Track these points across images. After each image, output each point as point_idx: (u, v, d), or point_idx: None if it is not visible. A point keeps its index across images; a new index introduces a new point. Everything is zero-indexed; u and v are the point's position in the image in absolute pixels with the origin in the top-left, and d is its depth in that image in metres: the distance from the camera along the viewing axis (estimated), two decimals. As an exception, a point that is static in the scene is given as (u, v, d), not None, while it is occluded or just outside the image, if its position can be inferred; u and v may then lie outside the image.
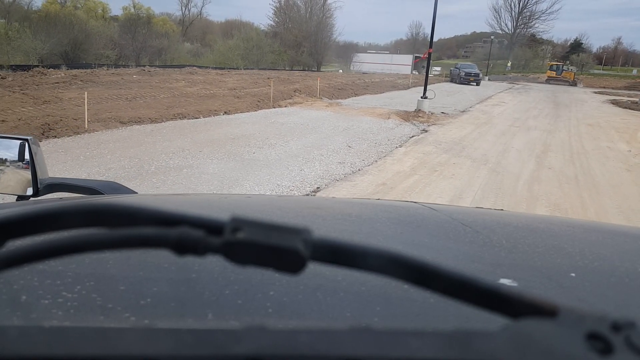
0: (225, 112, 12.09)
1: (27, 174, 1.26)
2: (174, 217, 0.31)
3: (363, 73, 37.10)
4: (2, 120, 8.46)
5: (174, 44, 37.70)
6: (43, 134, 7.98)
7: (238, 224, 0.30)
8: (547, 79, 46.36)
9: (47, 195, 1.27)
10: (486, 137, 11.04)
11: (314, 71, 36.15)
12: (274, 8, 51.20)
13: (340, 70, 39.12)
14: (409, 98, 18.30)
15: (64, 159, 6.75)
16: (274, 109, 13.79)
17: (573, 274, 0.71)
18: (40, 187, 1.26)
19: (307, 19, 50.17)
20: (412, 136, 10.46)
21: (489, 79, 44.06)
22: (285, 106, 14.46)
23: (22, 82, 12.22)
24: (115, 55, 28.71)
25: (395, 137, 10.12)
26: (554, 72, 46.28)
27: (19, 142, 1.26)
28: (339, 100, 17.31)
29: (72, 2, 46.04)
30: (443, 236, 0.87)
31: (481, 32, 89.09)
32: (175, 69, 22.29)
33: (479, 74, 34.81)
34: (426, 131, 11.30)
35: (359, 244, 0.32)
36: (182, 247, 0.30)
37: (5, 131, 7.79)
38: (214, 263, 0.59)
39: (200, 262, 0.59)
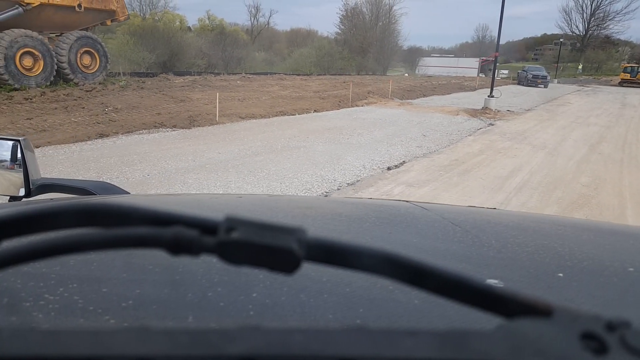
0: (314, 110, 14.31)
1: (19, 175, 1.25)
2: (168, 217, 0.31)
3: (429, 76, 38.45)
4: (158, 113, 11.09)
5: (250, 53, 40.87)
6: (190, 124, 10.48)
7: (232, 223, 0.30)
8: (620, 82, 45.26)
9: (39, 195, 1.27)
10: (547, 130, 12.46)
11: (381, 75, 37.95)
12: (340, 16, 53.60)
13: (406, 74, 40.65)
14: (476, 98, 19.75)
15: (216, 140, 9.14)
16: (353, 107, 15.84)
17: (561, 274, 0.70)
18: (32, 187, 1.25)
19: (372, 25, 52.03)
20: (480, 128, 12.13)
21: (557, 82, 43.82)
22: (362, 105, 16.49)
23: (157, 86, 15.06)
24: (204, 63, 32.04)
25: (464, 129, 11.84)
26: (628, 75, 45.10)
27: (11, 142, 1.25)
28: (409, 100, 19.12)
29: (151, 15, 50.67)
30: (432, 236, 0.87)
31: (552, 34, 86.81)
32: (267, 75, 25.00)
33: (546, 76, 35.16)
34: (492, 125, 12.91)
35: (354, 244, 0.32)
36: (177, 247, 0.30)
37: (164, 122, 10.40)
38: (199, 265, 0.59)
39: (185, 263, 0.59)
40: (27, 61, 12.00)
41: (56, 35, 13.04)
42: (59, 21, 12.94)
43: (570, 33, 71.53)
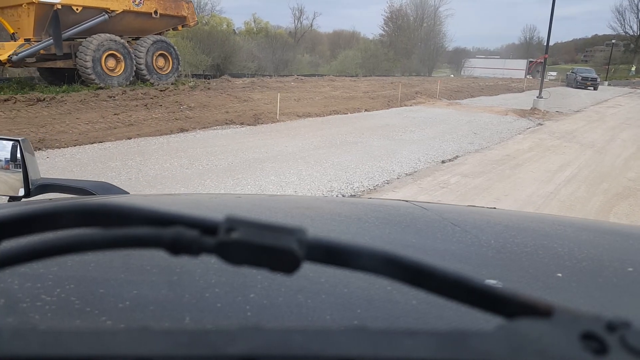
0: (365, 110, 15.05)
1: (19, 175, 1.25)
2: (168, 217, 0.32)
3: (475, 77, 38.42)
4: (226, 112, 12.14)
5: (297, 56, 42.00)
6: (255, 121, 11.46)
7: (232, 224, 0.30)
8: (677, 83, 43.59)
9: (38, 196, 1.27)
10: (596, 131, 12.73)
11: (426, 76, 38.24)
12: (384, 18, 54.04)
13: (452, 75, 40.76)
14: (524, 99, 19.97)
15: (280, 135, 10.04)
16: (402, 107, 16.48)
17: (560, 274, 0.70)
18: (31, 187, 1.26)
19: (416, 27, 52.21)
20: (529, 128, 12.55)
21: (608, 84, 42.71)
22: (411, 105, 17.10)
23: (221, 86, 16.21)
24: (254, 66, 33.36)
25: (513, 128, 12.30)
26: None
27: (10, 143, 1.26)
28: (457, 101, 19.55)
29: (199, 18, 52.62)
30: (431, 236, 0.87)
31: (603, 35, 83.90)
32: (318, 77, 25.96)
33: (596, 78, 34.51)
34: (541, 125, 13.28)
35: (354, 244, 0.32)
36: (177, 247, 0.30)
37: (233, 119, 11.42)
38: (197, 265, 0.59)
39: (182, 264, 0.59)
40: (111, 63, 13.33)
41: (133, 39, 14.34)
42: (137, 26, 14.27)
43: (624, 34, 69.09)
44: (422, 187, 6.59)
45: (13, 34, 12.32)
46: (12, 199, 1.27)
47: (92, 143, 8.58)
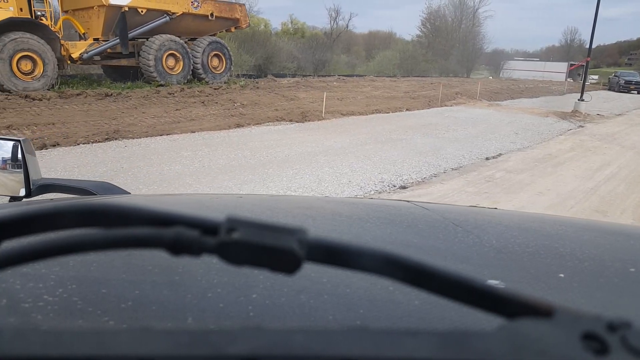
0: (407, 109, 15.52)
1: (20, 175, 1.26)
2: (169, 217, 0.32)
3: (514, 79, 38.15)
4: (276, 109, 12.86)
5: (335, 57, 42.59)
6: (303, 119, 12.12)
7: (233, 224, 0.30)
8: None
9: (39, 196, 1.28)
10: (638, 134, 12.83)
11: (464, 78, 38.24)
12: (422, 18, 54.01)
13: (490, 77, 40.55)
14: (565, 102, 19.97)
15: (328, 132, 10.66)
16: (442, 107, 16.84)
17: (562, 275, 0.70)
18: (32, 188, 1.26)
19: (454, 28, 51.97)
20: (569, 129, 12.78)
21: (654, 87, 41.54)
22: (451, 105, 17.44)
23: (268, 86, 17.00)
24: (294, 66, 34.17)
25: (554, 129, 12.55)
26: None
27: (11, 143, 1.26)
28: (497, 102, 19.75)
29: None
30: (432, 236, 0.87)
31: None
32: (358, 77, 26.56)
33: (640, 81, 33.78)
34: (582, 127, 13.46)
35: (355, 244, 0.32)
36: (178, 247, 0.30)
37: (283, 117, 12.12)
38: (198, 266, 0.60)
39: (184, 264, 0.60)
40: (171, 62, 14.24)
41: (190, 40, 15.26)
42: (195, 28, 15.17)
43: (672, 35, 66.60)
44: (468, 180, 7.08)
45: (84, 33, 13.38)
46: (13, 199, 1.28)
47: (161, 135, 9.41)
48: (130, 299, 0.52)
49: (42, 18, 12.01)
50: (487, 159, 8.64)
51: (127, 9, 12.92)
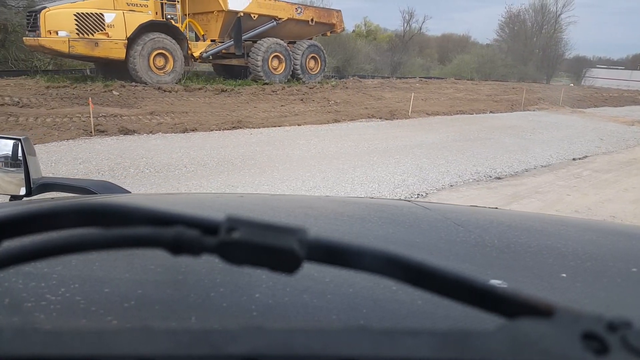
0: (490, 111, 16.14)
1: (20, 174, 1.26)
2: (169, 217, 0.32)
3: (596, 88, 36.97)
4: (365, 108, 14.01)
5: (409, 59, 43.14)
6: (392, 117, 13.18)
7: (233, 223, 0.30)
8: None
9: (40, 195, 1.29)
10: None
11: (544, 84, 37.55)
12: (500, 22, 53.12)
13: (572, 84, 39.47)
14: (653, 111, 19.63)
15: (416, 129, 11.63)
16: (525, 111, 17.25)
17: (564, 275, 0.70)
18: (33, 186, 1.26)
19: (534, 33, 50.70)
20: (657, 137, 12.92)
21: None
22: (534, 110, 17.79)
23: (355, 86, 18.23)
24: (371, 68, 35.19)
25: (640, 136, 12.77)
26: None
27: (12, 142, 1.27)
28: (580, 109, 19.75)
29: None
30: (434, 236, 0.87)
31: None
32: (436, 79, 27.26)
33: None
34: (670, 135, 13.50)
35: (355, 244, 0.32)
36: (178, 247, 0.30)
37: (373, 114, 13.25)
38: (202, 265, 0.59)
39: (187, 264, 0.60)
40: (275, 62, 15.85)
41: (290, 43, 16.80)
42: (296, 32, 16.74)
43: None
44: (558, 176, 7.83)
45: (202, 35, 15.22)
46: (14, 197, 1.28)
47: (274, 126, 10.83)
48: (133, 299, 0.52)
49: (171, 21, 13.90)
50: (573, 159, 9.27)
51: (242, 14, 14.65)
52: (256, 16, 15.06)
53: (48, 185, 1.31)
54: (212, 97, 12.90)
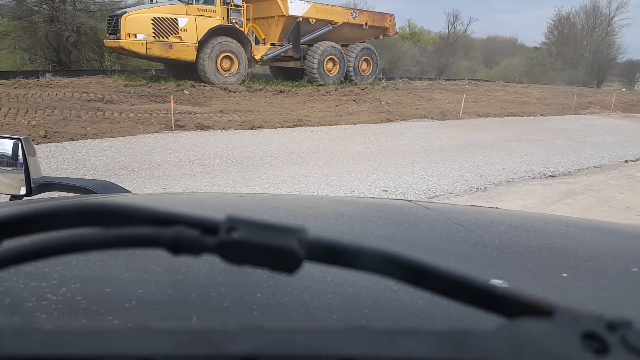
0: (541, 114, 16.30)
1: (21, 174, 1.26)
2: (169, 217, 0.32)
3: (651, 93, 35.83)
4: (417, 108, 14.51)
5: (456, 61, 43.03)
6: (443, 117, 13.63)
7: (233, 223, 0.30)
8: None
9: (40, 194, 1.29)
10: None
11: (594, 88, 36.73)
12: (548, 25, 52.02)
13: (624, 89, 38.37)
14: None
15: (469, 129, 12.01)
16: (576, 115, 17.28)
17: (565, 274, 0.70)
18: (33, 186, 1.27)
19: (584, 36, 49.41)
20: None
21: None
22: (585, 114, 17.77)
23: (405, 87, 18.74)
24: (417, 70, 35.44)
25: (697, 141, 12.69)
26: None
27: (12, 141, 1.27)
28: (633, 114, 19.51)
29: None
30: (435, 236, 0.87)
31: None
32: (483, 82, 27.31)
33: None
34: None
35: (355, 244, 0.32)
36: (178, 247, 0.30)
37: (424, 114, 13.73)
38: (202, 265, 0.60)
39: (188, 263, 0.60)
40: (329, 65, 16.60)
41: (343, 46, 17.47)
42: (350, 36, 17.42)
43: None
44: (610, 176, 8.12)
45: (263, 39, 16.12)
46: (14, 197, 1.29)
47: (331, 125, 11.51)
48: (134, 298, 0.52)
49: (236, 25, 14.85)
50: (626, 161, 9.48)
51: (301, 19, 15.48)
52: (314, 21, 15.83)
53: (48, 185, 1.33)
54: (271, 97, 13.71)
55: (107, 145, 8.25)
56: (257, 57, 15.42)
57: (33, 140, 8.11)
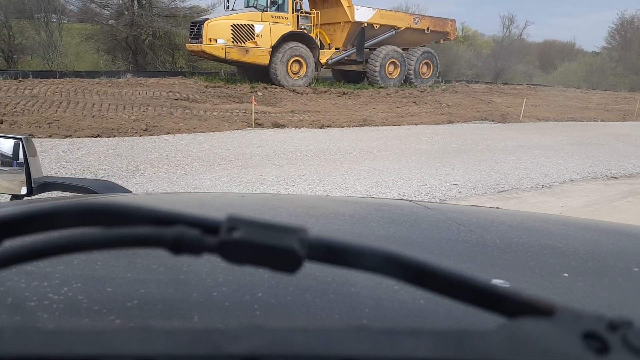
0: (601, 120, 16.26)
1: (22, 173, 1.26)
2: (170, 217, 0.32)
3: None
4: (477, 111, 14.88)
5: (512, 65, 42.44)
6: (503, 120, 13.96)
7: (234, 223, 0.30)
8: None
9: (41, 194, 1.29)
10: None
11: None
12: (610, 29, 50.17)
13: (693, 95, 36.80)
14: None
15: (529, 132, 12.30)
16: (638, 121, 17.05)
17: (566, 274, 0.70)
18: (34, 186, 1.27)
19: (650, 39, 47.29)
20: None
21: None
22: (648, 121, 17.51)
23: (464, 90, 19.09)
24: (472, 73, 35.36)
25: None
26: None
27: (13, 141, 1.28)
28: (703, 121, 18.98)
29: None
30: (436, 235, 0.88)
31: None
32: (546, 87, 27.10)
33: None
34: None
35: (355, 244, 0.32)
36: (179, 247, 0.30)
37: (485, 117, 14.13)
38: (203, 264, 0.60)
39: (189, 263, 0.60)
40: (391, 68, 17.29)
41: (404, 49, 18.07)
42: (411, 40, 18.03)
43: None
44: (674, 178, 8.36)
45: (329, 44, 17.01)
46: (15, 197, 1.30)
47: (394, 125, 12.17)
48: (135, 298, 0.52)
49: (305, 31, 15.80)
50: (688, 166, 9.61)
51: (366, 24, 16.27)
52: (378, 26, 16.55)
53: (49, 185, 1.33)
54: (336, 99, 14.52)
55: (201, 139, 9.27)
56: (323, 61, 16.31)
57: (136, 133, 9.31)
